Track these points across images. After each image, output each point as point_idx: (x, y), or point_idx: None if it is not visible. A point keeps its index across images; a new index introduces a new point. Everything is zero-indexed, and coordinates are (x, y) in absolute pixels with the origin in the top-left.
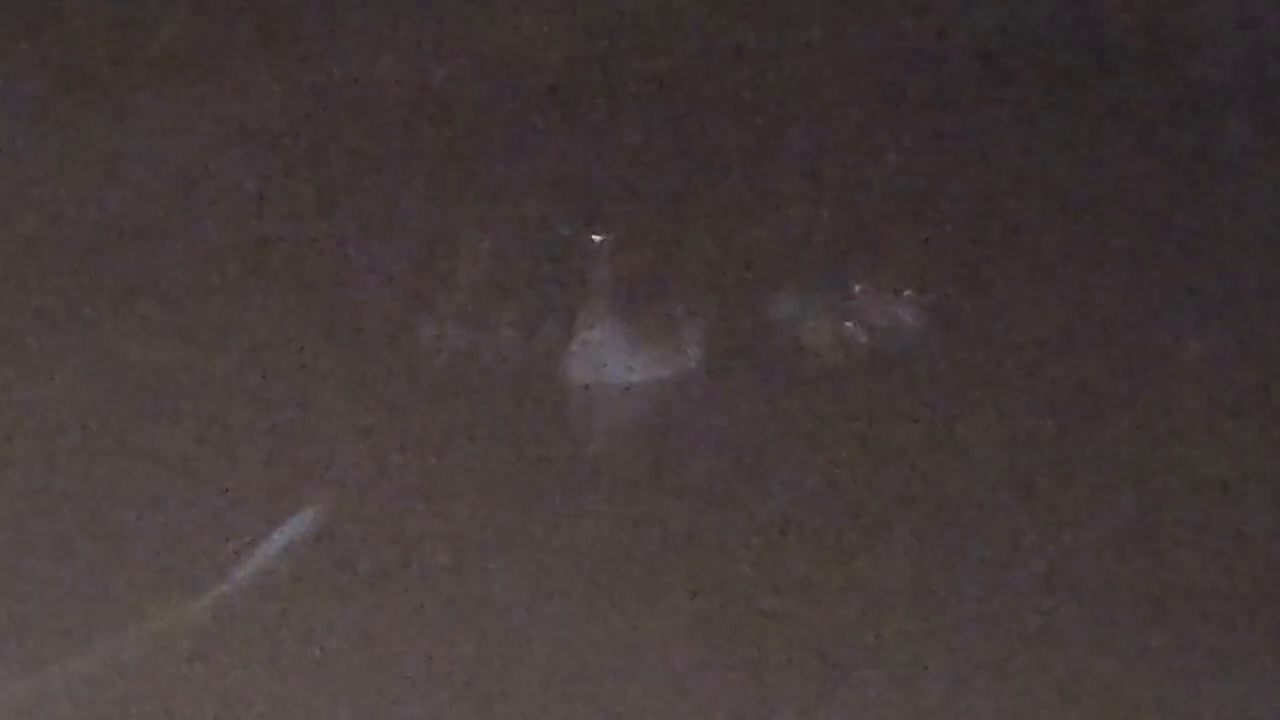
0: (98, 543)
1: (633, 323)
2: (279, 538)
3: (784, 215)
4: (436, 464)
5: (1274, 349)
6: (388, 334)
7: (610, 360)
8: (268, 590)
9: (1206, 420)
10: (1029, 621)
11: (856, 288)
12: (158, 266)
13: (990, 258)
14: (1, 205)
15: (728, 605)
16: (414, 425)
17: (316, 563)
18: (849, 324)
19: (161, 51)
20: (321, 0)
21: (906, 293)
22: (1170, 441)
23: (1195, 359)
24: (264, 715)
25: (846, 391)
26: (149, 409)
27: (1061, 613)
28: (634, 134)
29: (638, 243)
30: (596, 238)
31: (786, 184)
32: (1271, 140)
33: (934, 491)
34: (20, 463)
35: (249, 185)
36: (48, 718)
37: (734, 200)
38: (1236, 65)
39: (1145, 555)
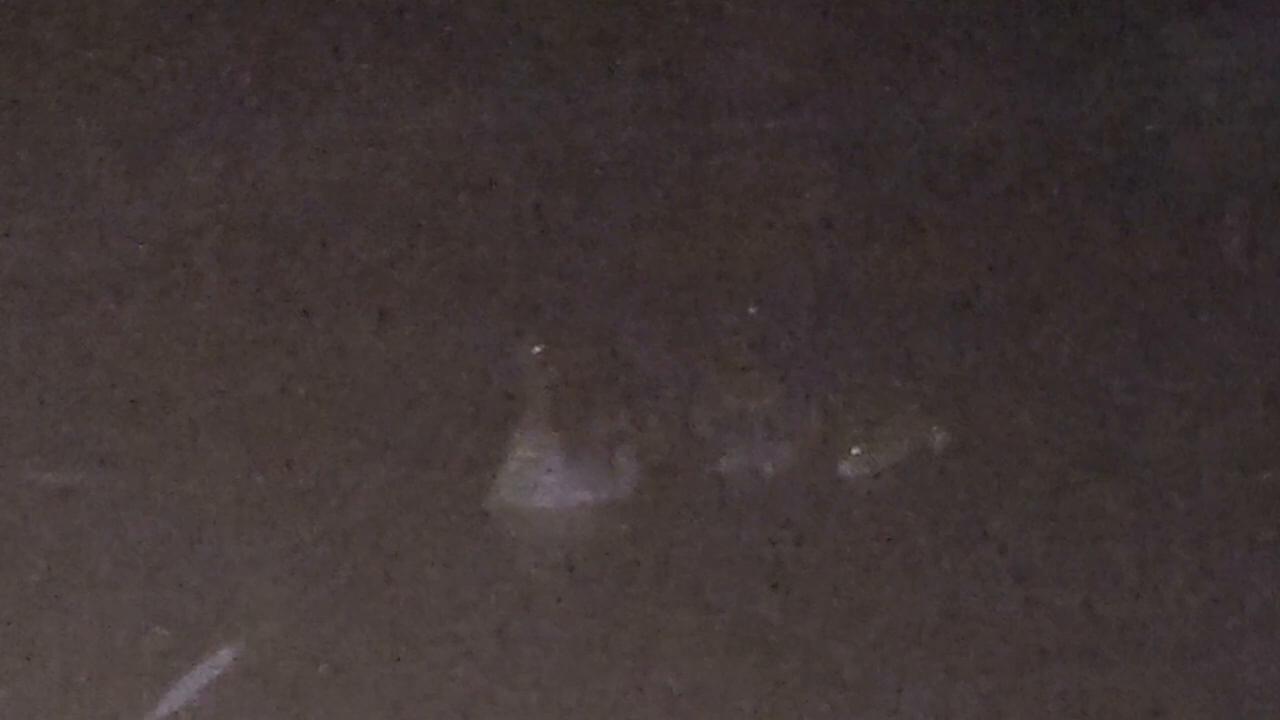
0: (23, 677)
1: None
2: (200, 674)
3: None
4: (367, 591)
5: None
6: (317, 456)
7: (545, 481)
8: None
9: (1220, 550)
10: None
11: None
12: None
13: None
14: None
15: None
16: (343, 554)
17: (240, 698)
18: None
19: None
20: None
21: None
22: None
23: (1205, 477)
24: None
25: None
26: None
27: None
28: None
29: (584, 357)
30: (535, 349)
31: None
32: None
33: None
34: None
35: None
36: None
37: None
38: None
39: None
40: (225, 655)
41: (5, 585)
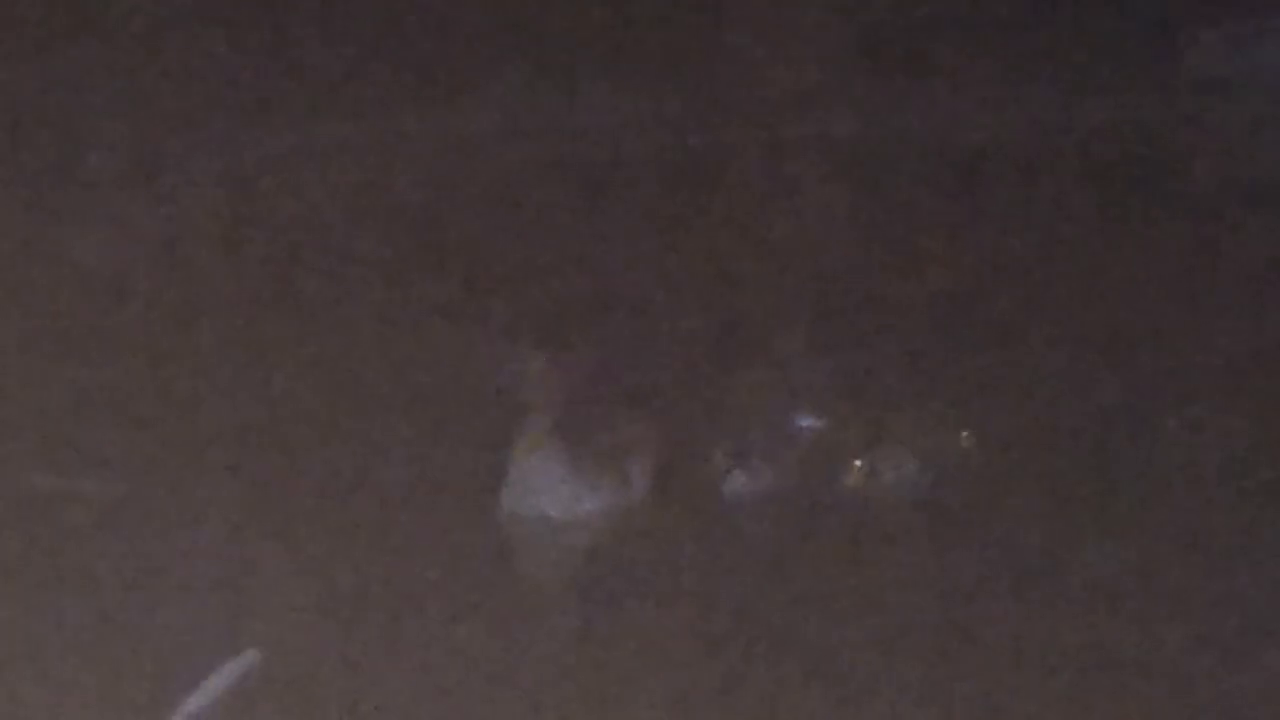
0: (43, 683)
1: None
2: (219, 679)
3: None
4: (378, 600)
5: None
6: (321, 461)
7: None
8: None
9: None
10: None
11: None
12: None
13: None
14: None
15: None
16: (351, 564)
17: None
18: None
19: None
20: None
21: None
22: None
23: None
24: None
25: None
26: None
27: None
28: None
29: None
30: (540, 357)
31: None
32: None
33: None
34: None
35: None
36: None
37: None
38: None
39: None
40: (237, 663)
41: (17, 590)
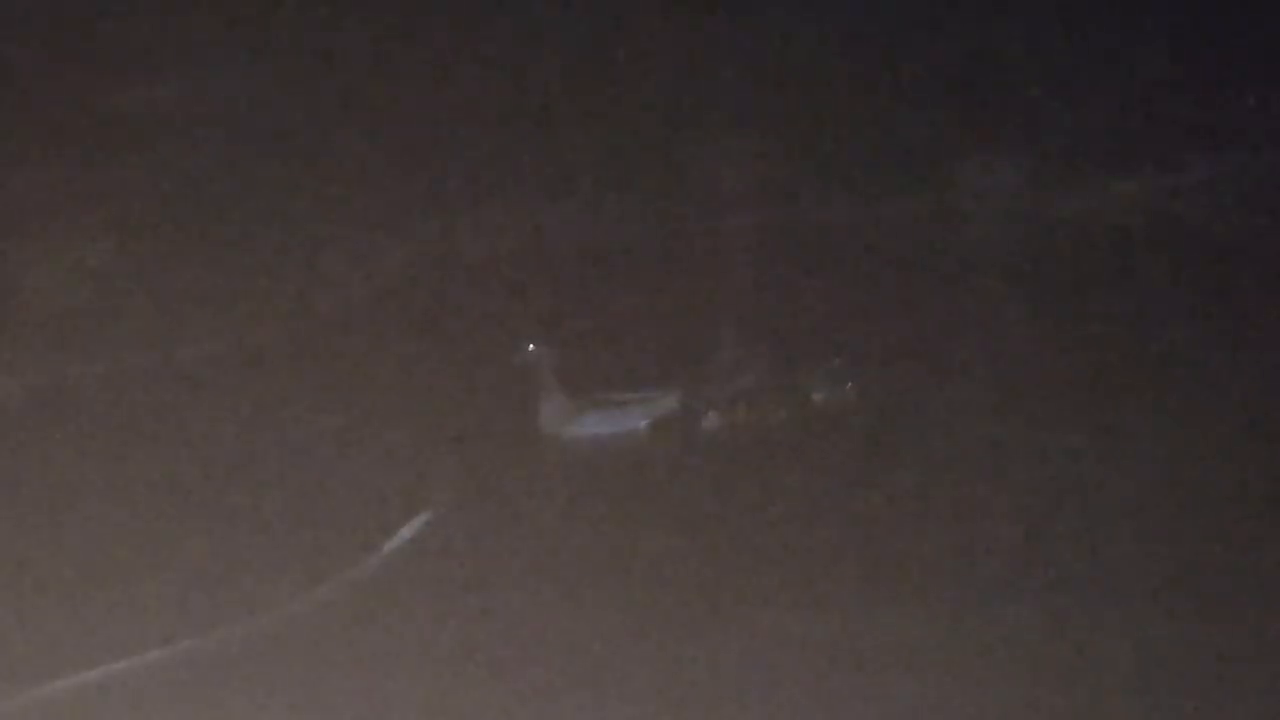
0: (239, 531)
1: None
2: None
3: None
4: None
5: None
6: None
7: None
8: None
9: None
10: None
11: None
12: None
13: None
14: None
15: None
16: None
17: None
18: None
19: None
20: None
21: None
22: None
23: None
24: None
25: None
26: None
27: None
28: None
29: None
30: (530, 346)
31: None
32: None
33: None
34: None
35: None
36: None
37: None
38: None
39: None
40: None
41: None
